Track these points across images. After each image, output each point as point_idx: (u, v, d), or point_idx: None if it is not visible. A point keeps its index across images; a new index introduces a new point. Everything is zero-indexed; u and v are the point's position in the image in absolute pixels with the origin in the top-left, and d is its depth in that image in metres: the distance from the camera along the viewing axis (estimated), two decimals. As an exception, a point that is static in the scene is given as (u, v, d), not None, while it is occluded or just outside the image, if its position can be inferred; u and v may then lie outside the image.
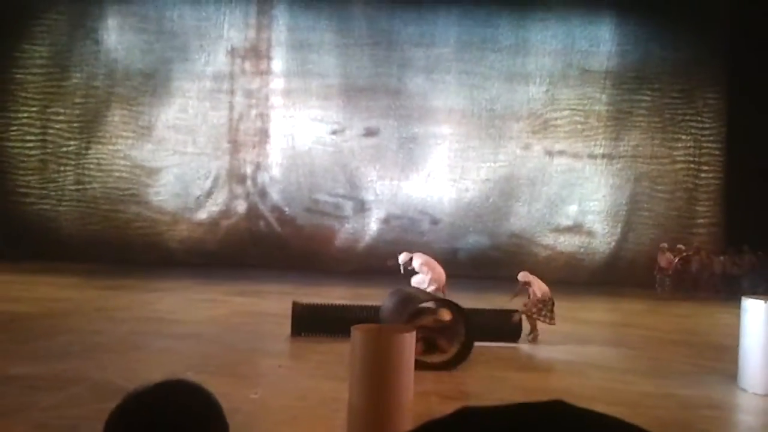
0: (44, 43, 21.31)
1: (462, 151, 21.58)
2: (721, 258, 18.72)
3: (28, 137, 21.33)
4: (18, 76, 21.31)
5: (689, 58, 21.25)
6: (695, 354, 10.02)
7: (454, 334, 8.49)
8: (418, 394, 5.68)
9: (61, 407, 5.88)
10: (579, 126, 21.58)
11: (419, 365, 8.12)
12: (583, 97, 21.55)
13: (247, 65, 21.73)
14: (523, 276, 10.40)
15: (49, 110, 21.35)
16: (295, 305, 9.85)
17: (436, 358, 8.28)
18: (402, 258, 11.36)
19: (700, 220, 21.40)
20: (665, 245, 19.16)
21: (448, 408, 0.57)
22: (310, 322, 9.67)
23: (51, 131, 21.35)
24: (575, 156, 21.54)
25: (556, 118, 21.59)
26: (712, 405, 7.19)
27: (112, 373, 7.04)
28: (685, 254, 18.38)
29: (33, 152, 21.33)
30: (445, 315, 8.42)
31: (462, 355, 8.30)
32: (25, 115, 21.38)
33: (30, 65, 21.32)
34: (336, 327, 8.95)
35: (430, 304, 8.82)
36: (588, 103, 21.58)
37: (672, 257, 18.14)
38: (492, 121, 21.54)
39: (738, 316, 8.18)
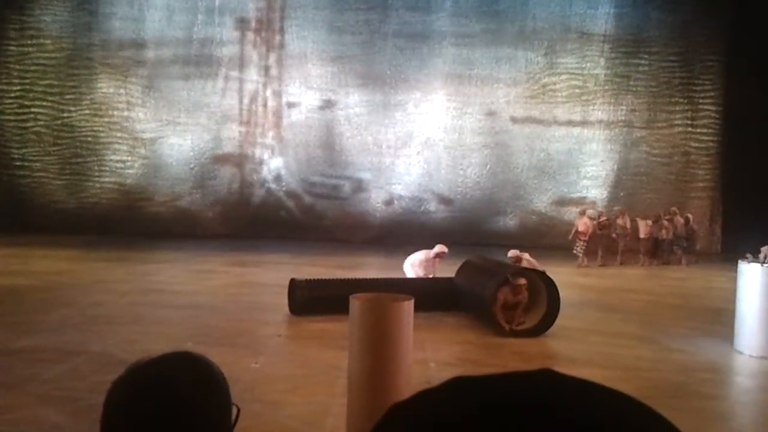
0: (36, 14, 21.03)
1: (459, 117, 21.46)
2: (648, 222, 18.09)
3: (22, 110, 21.17)
4: (11, 48, 21.07)
5: (687, 21, 21.02)
6: (691, 317, 10.10)
7: (534, 300, 8.68)
8: (417, 361, 5.73)
9: (62, 379, 5.94)
10: (577, 90, 21.42)
11: (511, 333, 8.25)
12: (581, 60, 21.36)
13: (241, 33, 21.47)
14: (512, 253, 10.38)
15: (42, 82, 21.15)
16: (292, 284, 9.26)
17: (521, 325, 8.50)
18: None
19: (698, 184, 21.40)
20: (584, 209, 18.52)
21: (447, 375, 0.58)
22: (310, 302, 8.94)
23: (45, 103, 21.19)
24: (573, 121, 21.42)
25: (554, 83, 21.42)
26: (708, 367, 7.27)
27: (112, 345, 7.10)
28: (604, 219, 17.56)
29: (28, 125, 21.18)
30: (521, 280, 8.52)
31: (548, 321, 8.47)
32: (19, 87, 21.19)
33: (21, 37, 21.07)
34: (337, 305, 8.06)
35: (509, 274, 8.75)
36: (587, 68, 21.39)
37: (589, 222, 17.26)
38: (489, 86, 21.37)
39: (732, 279, 8.23)
